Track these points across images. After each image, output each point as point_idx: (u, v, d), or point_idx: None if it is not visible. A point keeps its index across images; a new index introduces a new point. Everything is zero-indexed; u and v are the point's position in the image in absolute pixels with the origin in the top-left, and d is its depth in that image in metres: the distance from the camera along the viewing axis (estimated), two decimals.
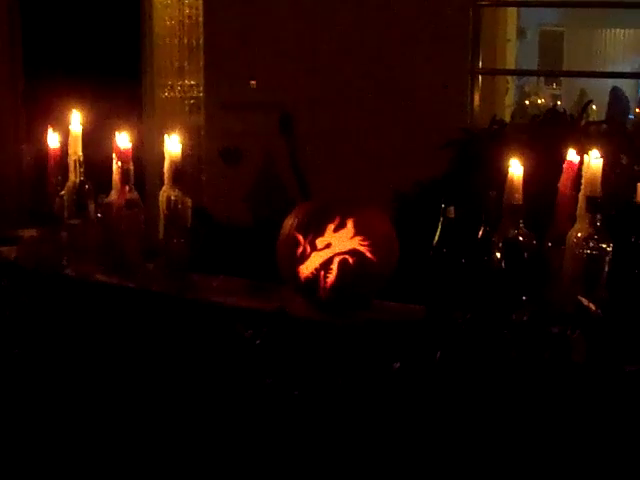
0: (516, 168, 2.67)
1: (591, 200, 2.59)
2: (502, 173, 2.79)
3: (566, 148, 2.82)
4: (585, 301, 2.38)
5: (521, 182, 2.68)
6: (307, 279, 2.91)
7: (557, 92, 10.07)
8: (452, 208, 2.72)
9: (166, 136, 3.32)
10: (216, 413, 2.69)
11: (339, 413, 2.54)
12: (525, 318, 2.50)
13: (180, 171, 3.27)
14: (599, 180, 2.63)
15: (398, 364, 2.37)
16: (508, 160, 2.87)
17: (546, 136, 3.92)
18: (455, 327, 2.51)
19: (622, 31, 11.67)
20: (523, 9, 9.34)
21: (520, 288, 2.64)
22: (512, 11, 6.93)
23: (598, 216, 2.59)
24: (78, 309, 3.18)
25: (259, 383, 2.61)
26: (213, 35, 5.78)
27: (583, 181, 2.66)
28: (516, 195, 2.67)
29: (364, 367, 2.57)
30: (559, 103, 7.17)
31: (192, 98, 6.03)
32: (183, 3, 5.89)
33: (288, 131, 5.50)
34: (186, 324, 2.97)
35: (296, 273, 2.92)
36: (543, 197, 2.85)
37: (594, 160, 2.64)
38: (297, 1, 5.54)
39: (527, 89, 8.83)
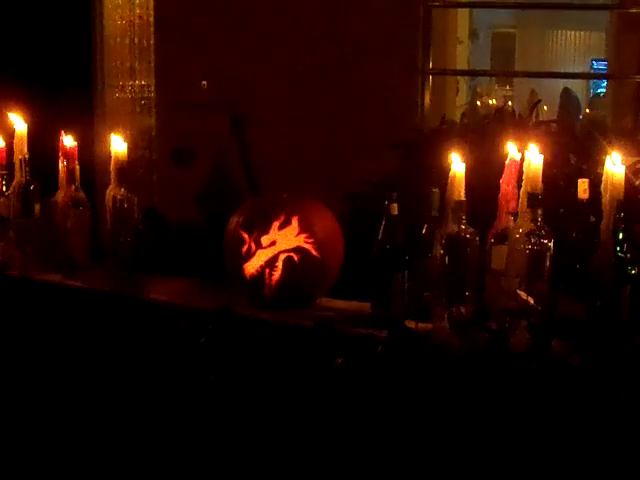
0: (458, 165, 2.69)
1: (532, 196, 2.61)
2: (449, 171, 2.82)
3: (515, 147, 2.84)
4: (524, 295, 2.40)
5: (463, 178, 2.70)
6: (252, 277, 2.91)
7: (509, 93, 10.15)
8: (395, 205, 2.74)
9: (112, 135, 3.30)
10: (160, 412, 2.67)
11: (283, 410, 2.54)
12: (464, 313, 2.51)
13: (126, 170, 3.26)
14: (539, 176, 2.66)
15: (340, 360, 2.37)
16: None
17: (494, 135, 3.94)
18: (395, 323, 2.52)
19: (573, 33, 11.78)
20: (475, 11, 9.44)
21: (463, 283, 2.65)
22: (464, 13, 7.00)
23: (539, 212, 2.61)
24: (23, 309, 3.16)
25: (202, 381, 2.60)
26: (164, 35, 5.75)
27: (524, 177, 2.68)
28: (458, 191, 2.69)
29: (308, 364, 2.57)
30: (510, 103, 7.23)
31: (143, 99, 6.00)
32: (134, 3, 5.85)
33: (239, 132, 5.48)
34: (131, 323, 2.96)
35: (241, 271, 2.92)
36: (491, 195, 2.87)
37: (534, 157, 2.66)
38: (247, 3, 5.53)
39: (479, 90, 8.89)
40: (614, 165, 2.63)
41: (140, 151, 5.98)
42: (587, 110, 9.04)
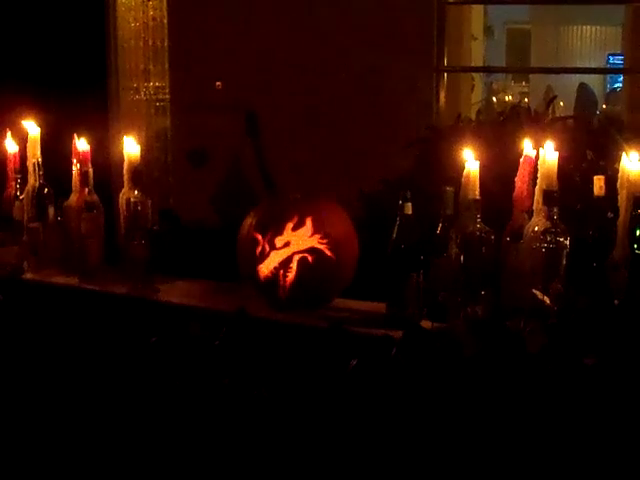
0: (472, 163, 2.67)
1: (547, 193, 2.58)
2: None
3: (530, 144, 2.82)
4: (540, 294, 2.38)
5: (477, 177, 2.68)
6: (266, 278, 2.89)
7: (525, 89, 10.09)
8: (409, 204, 2.72)
9: (125, 138, 3.30)
10: (174, 414, 2.66)
11: (297, 413, 2.53)
12: (481, 313, 2.48)
13: (139, 173, 3.26)
14: (555, 173, 2.64)
15: (354, 362, 2.35)
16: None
17: (510, 132, 3.91)
18: (410, 324, 2.50)
19: (589, 27, 11.70)
20: (490, 7, 9.39)
21: (478, 283, 2.63)
22: (478, 9, 6.94)
23: (555, 209, 2.58)
24: (39, 313, 3.16)
25: (217, 384, 2.58)
26: (178, 37, 5.75)
27: (539, 175, 2.66)
28: (473, 190, 2.66)
29: (323, 366, 2.55)
30: (526, 100, 7.17)
31: (158, 100, 5.99)
32: (147, 5, 5.84)
33: (254, 131, 5.48)
34: (146, 326, 2.95)
35: (256, 272, 2.91)
36: (507, 193, 2.85)
37: (549, 154, 2.63)
38: (261, 4, 5.52)
39: (495, 87, 8.84)
40: (630, 161, 2.60)
41: (156, 153, 5.98)
42: (604, 105, 8.98)
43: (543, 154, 2.66)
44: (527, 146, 2.75)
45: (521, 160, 2.74)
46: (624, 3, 5.73)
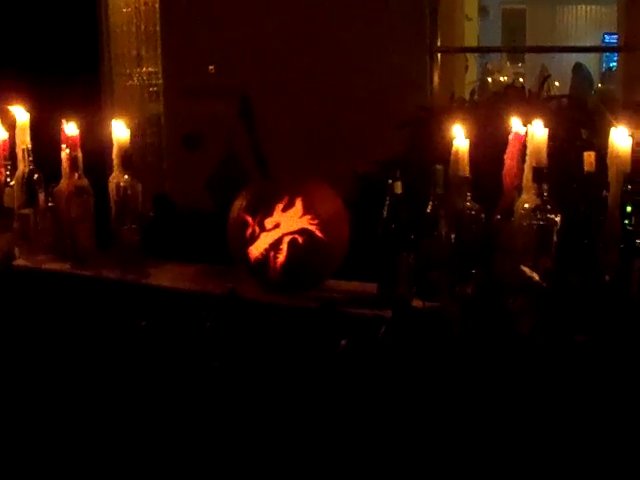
0: (461, 140, 2.65)
1: (537, 170, 2.57)
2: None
3: (524, 123, 2.79)
4: (528, 271, 2.36)
5: (466, 154, 2.66)
6: (257, 260, 2.88)
7: (521, 70, 10.06)
8: (399, 184, 2.70)
9: (114, 122, 3.28)
10: (165, 398, 2.66)
11: (288, 394, 2.52)
12: (471, 291, 2.47)
13: (129, 157, 3.24)
14: (544, 150, 2.62)
15: (344, 342, 2.34)
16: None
17: (502, 111, 3.89)
18: (400, 303, 2.49)
19: (584, 7, 11.65)
20: None
21: (469, 261, 2.62)
22: None
23: (545, 186, 2.57)
24: (29, 299, 3.15)
25: (207, 367, 2.58)
26: (170, 21, 5.74)
27: (528, 152, 2.64)
28: (462, 168, 2.65)
29: (314, 347, 2.54)
30: (521, 80, 7.15)
31: (151, 85, 5.98)
32: None
33: (248, 114, 5.45)
34: (138, 310, 2.94)
35: (246, 255, 2.89)
36: (500, 170, 2.83)
37: (538, 130, 2.62)
38: None
39: (490, 67, 8.81)
40: (619, 137, 2.58)
41: (149, 138, 5.97)
42: (599, 84, 8.95)
43: (532, 131, 2.64)
44: (516, 123, 2.73)
45: (510, 137, 2.72)
46: None
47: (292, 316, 2.71)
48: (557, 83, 7.65)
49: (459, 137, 2.67)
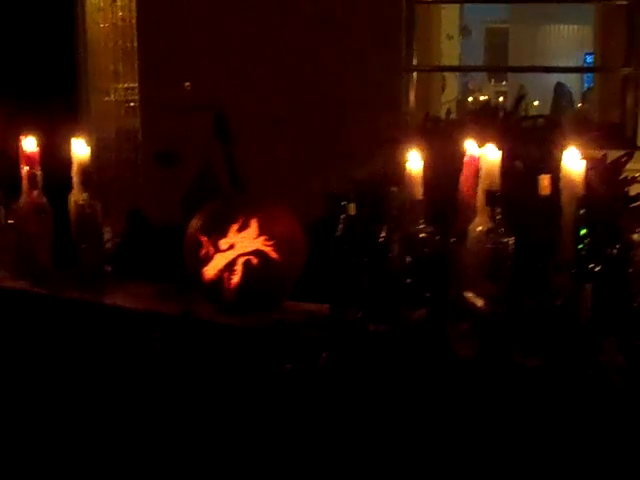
0: (414, 163, 2.63)
1: (489, 194, 2.55)
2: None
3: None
4: (471, 296, 2.34)
5: (420, 177, 2.64)
6: (211, 281, 2.86)
7: (504, 88, 10.07)
8: (352, 205, 2.68)
9: (73, 140, 3.26)
10: (117, 416, 2.64)
11: (238, 416, 2.50)
12: (424, 315, 2.45)
13: (89, 175, 3.22)
14: (497, 173, 2.60)
15: (289, 366, 2.32)
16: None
17: (478, 131, 3.88)
18: (351, 326, 2.47)
19: (566, 27, 11.68)
20: (467, 7, 9.37)
21: (423, 285, 2.60)
22: (453, 8, 6.95)
23: (497, 210, 2.55)
24: None
25: (156, 387, 2.56)
26: (147, 37, 5.71)
27: (481, 175, 2.62)
28: (415, 190, 2.63)
29: (263, 369, 2.53)
30: (501, 99, 7.15)
31: (128, 101, 5.96)
32: (116, 5, 5.81)
33: (224, 132, 5.43)
34: (93, 330, 2.93)
35: (200, 275, 2.87)
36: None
37: (491, 154, 2.60)
38: (230, 2, 5.49)
39: (471, 86, 8.81)
40: (572, 160, 2.57)
41: (126, 154, 5.95)
42: (580, 104, 8.97)
43: (485, 154, 2.62)
44: (470, 146, 2.72)
45: (465, 160, 2.71)
46: (594, 2, 5.70)
47: (244, 337, 2.69)
48: (536, 102, 7.66)
49: (412, 160, 2.65)
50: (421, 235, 2.60)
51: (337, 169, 4.22)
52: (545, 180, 2.64)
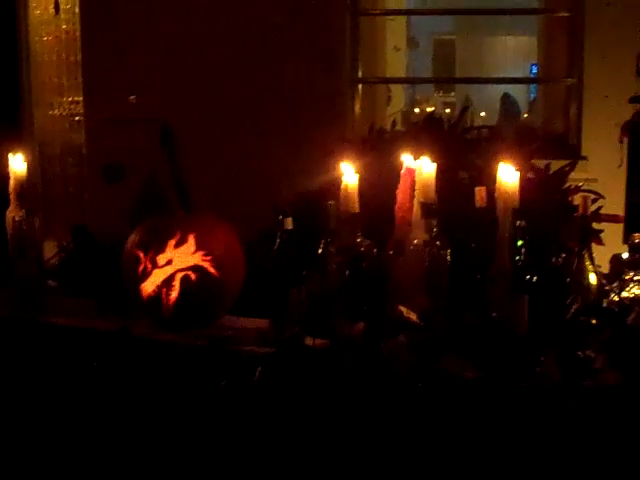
0: (349, 177, 2.63)
1: (425, 206, 2.55)
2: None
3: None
4: (405, 311, 2.34)
5: (356, 191, 2.64)
6: (149, 297, 2.83)
7: (452, 99, 10.11)
8: (289, 220, 2.67)
9: (10, 156, 3.22)
10: (52, 433, 2.60)
11: (175, 432, 2.48)
12: (362, 329, 2.45)
13: (26, 191, 3.17)
14: (432, 185, 2.61)
15: (224, 382, 2.30)
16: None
17: (422, 142, 3.89)
18: (289, 341, 2.46)
19: (512, 38, 11.80)
20: (415, 19, 9.44)
21: (361, 298, 2.59)
22: (401, 20, 6.94)
23: (433, 222, 2.55)
24: None
25: (94, 405, 2.53)
26: (91, 50, 5.66)
27: (416, 187, 2.63)
28: (351, 204, 2.63)
29: (202, 385, 2.51)
30: (448, 110, 7.18)
31: (73, 115, 5.90)
32: (60, 18, 5.75)
33: (169, 146, 5.40)
34: (30, 347, 2.89)
35: (138, 291, 2.84)
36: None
37: (426, 166, 2.60)
38: (175, 16, 5.46)
39: (418, 97, 8.85)
40: (506, 173, 2.57)
41: (71, 168, 5.89)
42: (526, 114, 9.03)
43: (420, 166, 2.62)
44: (407, 159, 2.72)
45: (402, 172, 2.71)
46: (539, 14, 5.74)
47: (182, 354, 2.66)
48: (483, 113, 7.70)
49: (348, 174, 2.64)
50: (358, 248, 2.59)
51: (281, 183, 4.21)
52: (481, 192, 2.65)
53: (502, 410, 2.30)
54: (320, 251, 2.69)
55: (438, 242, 2.54)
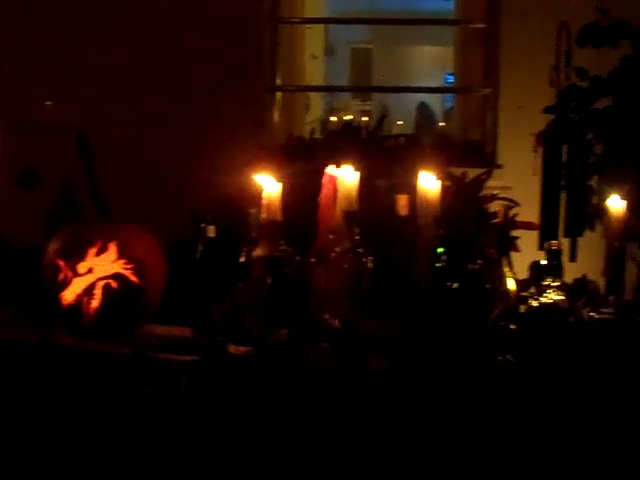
0: (271, 186, 2.64)
1: (347, 214, 2.58)
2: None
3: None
4: (328, 318, 2.37)
5: (278, 199, 2.65)
6: (70, 306, 2.80)
7: (369, 107, 10.20)
8: (212, 227, 2.68)
9: None
10: None
11: (100, 442, 2.46)
12: (285, 337, 2.46)
13: None
14: (354, 194, 2.63)
15: (149, 391, 2.29)
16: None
17: (341, 150, 3.93)
18: (213, 349, 2.46)
19: (428, 48, 11.96)
20: (332, 27, 9.49)
21: (284, 306, 2.61)
22: (318, 28, 6.99)
23: (356, 230, 2.58)
24: None
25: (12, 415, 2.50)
26: (4, 57, 5.59)
27: (338, 195, 2.65)
28: (274, 212, 2.64)
29: (126, 394, 2.49)
30: (365, 119, 7.26)
31: None
32: None
33: (86, 153, 5.35)
34: None
35: (59, 300, 2.81)
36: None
37: (348, 174, 2.63)
38: (91, 23, 5.41)
39: (336, 105, 8.91)
40: (427, 181, 2.61)
41: None
42: (443, 123, 9.16)
43: (342, 175, 2.65)
44: (329, 167, 2.74)
45: (324, 180, 2.73)
46: (456, 24, 5.83)
47: (104, 363, 2.64)
48: (400, 122, 7.78)
49: (269, 183, 2.66)
50: (281, 256, 2.60)
51: (201, 190, 4.21)
52: (402, 200, 2.69)
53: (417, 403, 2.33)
54: (242, 259, 2.69)
55: (360, 250, 2.57)
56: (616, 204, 2.64)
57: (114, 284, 2.78)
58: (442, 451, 2.28)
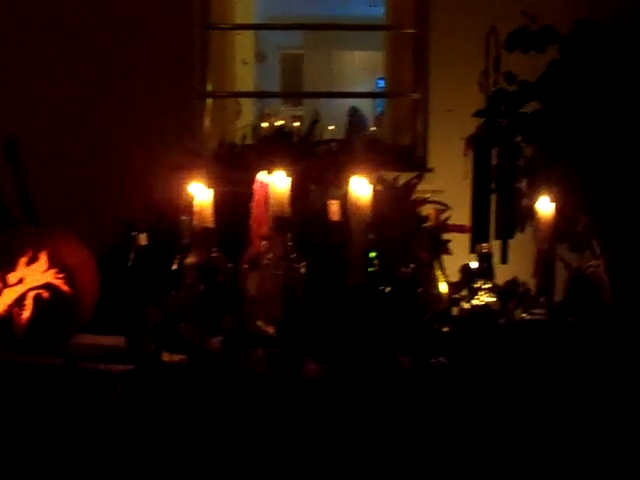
0: (202, 192, 2.64)
1: (279, 220, 2.58)
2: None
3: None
4: (262, 324, 2.37)
5: (210, 205, 2.65)
6: (1, 317, 2.76)
7: (300, 113, 10.19)
8: (144, 235, 2.66)
9: None
10: None
11: (33, 455, 2.43)
12: (219, 344, 2.46)
13: None
14: (286, 199, 2.63)
15: (82, 401, 2.27)
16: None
17: (272, 156, 3.92)
18: (146, 357, 2.45)
19: (359, 53, 12.02)
20: (263, 32, 9.49)
21: (218, 312, 2.60)
22: (249, 34, 6.96)
23: (288, 236, 2.58)
24: None
25: None
26: None
27: (270, 201, 2.65)
28: (206, 218, 2.63)
29: (59, 405, 2.47)
30: (297, 124, 7.25)
31: None
32: None
33: (14, 159, 5.28)
34: None
35: None
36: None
37: (280, 180, 2.63)
38: (18, 28, 5.34)
39: (267, 111, 8.89)
40: (359, 186, 2.63)
41: None
42: (374, 128, 9.20)
43: (274, 181, 2.65)
44: (260, 173, 2.74)
45: (255, 186, 2.73)
46: (386, 30, 5.85)
47: (37, 374, 2.61)
48: (332, 127, 7.79)
49: (201, 188, 2.65)
50: (213, 263, 2.59)
51: (130, 197, 4.18)
52: (334, 205, 2.70)
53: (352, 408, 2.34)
54: (175, 267, 2.68)
55: (293, 255, 2.57)
56: (545, 206, 2.68)
57: (45, 294, 2.75)
58: (377, 455, 2.29)
